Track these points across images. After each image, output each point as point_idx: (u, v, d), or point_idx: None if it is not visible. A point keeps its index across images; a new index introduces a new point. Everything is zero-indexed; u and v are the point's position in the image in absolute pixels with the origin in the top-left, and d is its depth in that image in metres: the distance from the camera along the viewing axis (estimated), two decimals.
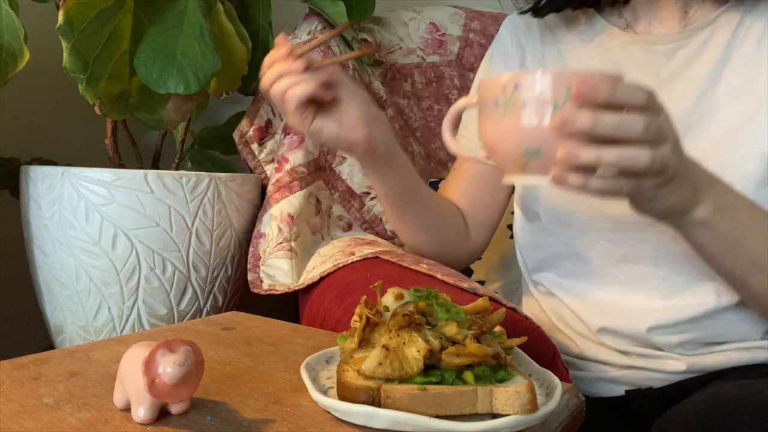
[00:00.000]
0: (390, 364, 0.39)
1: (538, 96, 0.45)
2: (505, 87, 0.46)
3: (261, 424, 0.39)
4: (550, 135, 0.45)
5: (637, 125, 0.44)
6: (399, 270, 0.75)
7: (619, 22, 0.76)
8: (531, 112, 0.45)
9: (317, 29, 1.10)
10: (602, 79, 0.44)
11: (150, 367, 0.37)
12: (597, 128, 0.43)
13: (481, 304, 0.46)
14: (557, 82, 0.44)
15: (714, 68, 0.68)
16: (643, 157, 0.44)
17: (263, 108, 1.10)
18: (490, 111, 0.48)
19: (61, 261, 0.89)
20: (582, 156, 0.43)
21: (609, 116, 0.43)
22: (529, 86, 0.45)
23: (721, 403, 0.53)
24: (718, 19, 0.69)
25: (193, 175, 0.91)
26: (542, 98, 0.45)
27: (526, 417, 0.38)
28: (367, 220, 1.10)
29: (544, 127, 0.45)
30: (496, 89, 0.47)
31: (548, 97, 0.45)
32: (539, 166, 0.46)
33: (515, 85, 0.46)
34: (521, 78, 0.46)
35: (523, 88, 0.45)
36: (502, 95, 0.47)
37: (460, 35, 1.25)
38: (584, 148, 0.43)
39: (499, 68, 0.83)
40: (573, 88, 0.43)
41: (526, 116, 0.45)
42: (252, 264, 0.96)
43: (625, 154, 0.44)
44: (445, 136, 0.55)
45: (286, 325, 0.65)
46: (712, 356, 0.68)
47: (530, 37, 0.81)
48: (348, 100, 0.63)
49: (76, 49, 0.84)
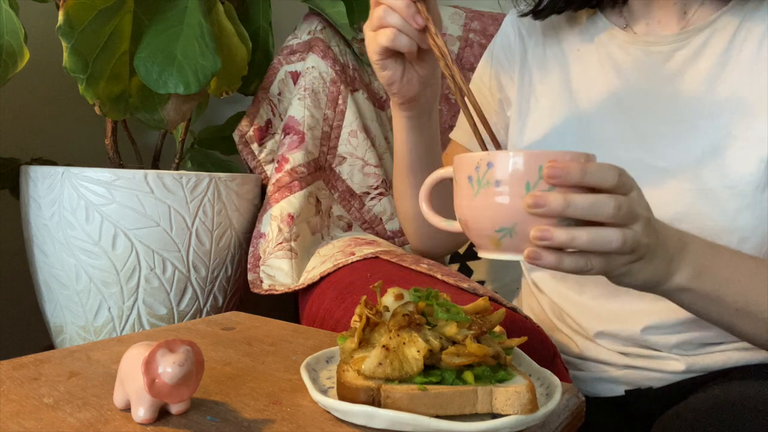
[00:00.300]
0: (390, 364, 0.39)
1: (511, 176, 0.46)
2: (479, 165, 0.47)
3: (261, 424, 0.39)
4: (524, 214, 0.45)
5: (607, 207, 0.45)
6: (399, 270, 0.75)
7: (619, 22, 0.76)
8: (504, 191, 0.46)
9: (317, 29, 1.10)
10: (573, 160, 0.45)
11: (150, 367, 0.37)
12: (569, 211, 0.44)
13: (481, 304, 0.47)
14: (530, 163, 0.45)
15: (712, 71, 0.68)
16: (614, 238, 0.45)
17: (263, 108, 1.10)
18: (464, 187, 0.49)
19: (61, 261, 0.89)
20: (555, 238, 0.44)
21: (580, 199, 0.44)
22: (502, 166, 0.46)
23: (720, 405, 0.53)
24: (717, 21, 0.69)
25: (193, 175, 0.91)
26: (515, 178, 0.46)
27: (526, 417, 0.38)
28: (367, 220, 1.10)
29: (518, 207, 0.45)
30: (469, 166, 0.48)
31: (521, 177, 0.45)
32: (513, 245, 0.47)
33: (488, 164, 0.46)
34: (494, 157, 0.46)
35: (496, 167, 0.46)
36: (476, 173, 0.47)
37: (460, 35, 1.24)
38: (557, 229, 0.44)
39: (501, 62, 0.83)
40: (544, 169, 0.44)
41: (499, 195, 0.46)
42: (252, 264, 0.96)
43: (597, 236, 0.45)
44: (422, 207, 0.56)
45: (286, 325, 0.65)
46: (711, 356, 0.68)
47: (533, 33, 0.81)
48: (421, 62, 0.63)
49: (76, 49, 0.84)
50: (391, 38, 0.58)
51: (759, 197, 0.63)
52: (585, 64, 0.76)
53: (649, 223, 0.48)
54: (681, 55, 0.70)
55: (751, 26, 0.67)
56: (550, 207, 0.44)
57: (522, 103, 0.79)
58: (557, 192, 0.44)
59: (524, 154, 0.46)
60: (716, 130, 0.66)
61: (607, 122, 0.71)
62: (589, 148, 0.71)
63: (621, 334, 0.69)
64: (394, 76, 0.62)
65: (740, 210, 0.63)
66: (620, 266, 0.49)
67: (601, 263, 0.47)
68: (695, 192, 0.64)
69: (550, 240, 0.44)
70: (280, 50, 1.11)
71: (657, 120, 0.69)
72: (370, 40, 0.60)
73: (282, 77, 1.10)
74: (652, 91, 0.70)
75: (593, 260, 0.46)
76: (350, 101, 1.09)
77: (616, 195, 0.46)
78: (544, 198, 0.44)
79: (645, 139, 0.69)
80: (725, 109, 0.66)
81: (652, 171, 0.67)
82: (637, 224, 0.47)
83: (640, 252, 0.48)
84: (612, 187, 0.45)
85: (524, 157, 0.45)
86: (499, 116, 0.83)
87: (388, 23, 0.58)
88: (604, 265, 0.47)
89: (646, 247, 0.48)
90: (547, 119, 0.76)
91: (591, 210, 0.45)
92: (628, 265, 0.49)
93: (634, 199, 0.47)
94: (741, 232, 0.63)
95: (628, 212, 0.46)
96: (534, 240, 0.45)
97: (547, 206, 0.44)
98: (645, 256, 0.49)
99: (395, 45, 0.58)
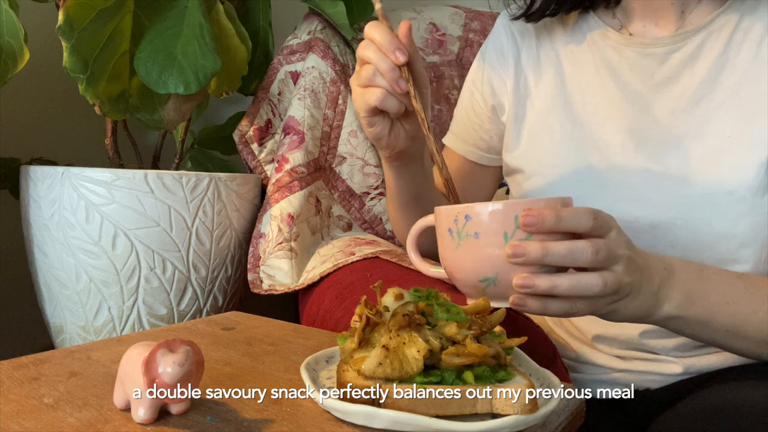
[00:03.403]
0: (390, 364, 0.39)
1: (488, 227, 0.47)
2: (457, 218, 0.48)
3: (261, 424, 0.39)
4: (504, 264, 0.46)
5: (585, 254, 0.46)
6: (399, 270, 0.75)
7: (613, 23, 0.75)
8: (483, 242, 0.47)
9: (317, 29, 1.10)
10: (547, 207, 0.46)
11: (150, 367, 0.37)
12: (547, 259, 0.45)
13: (481, 304, 0.46)
14: (505, 213, 0.46)
15: (710, 74, 0.67)
16: (594, 283, 0.46)
17: (263, 108, 1.10)
18: (445, 239, 0.50)
19: (61, 261, 0.89)
20: (537, 285, 0.45)
21: (558, 247, 0.45)
22: (479, 218, 0.47)
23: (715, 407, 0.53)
24: (714, 22, 0.68)
25: (193, 175, 0.91)
26: (493, 229, 0.47)
27: (526, 417, 0.38)
28: (367, 220, 1.10)
29: (498, 257, 0.47)
30: (449, 220, 0.49)
31: (498, 227, 0.47)
32: (497, 293, 0.48)
33: (466, 216, 0.48)
34: (471, 209, 0.48)
35: (473, 220, 0.47)
36: (455, 226, 0.49)
37: (460, 35, 1.25)
38: (538, 277, 0.45)
39: (494, 66, 0.81)
40: (520, 218, 0.45)
41: (479, 247, 0.47)
42: (252, 264, 0.96)
43: (577, 283, 0.46)
44: (410, 256, 0.57)
45: (286, 325, 0.65)
46: (708, 357, 0.68)
47: (526, 35, 0.80)
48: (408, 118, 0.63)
49: (76, 49, 0.84)
50: (380, 99, 0.58)
51: (758, 202, 0.62)
52: (579, 67, 0.75)
53: (630, 261, 0.49)
54: (677, 57, 0.69)
55: (748, 27, 0.66)
56: (529, 257, 0.45)
57: (518, 108, 0.78)
58: (535, 240, 0.46)
59: (500, 205, 0.47)
60: (714, 134, 0.65)
61: (604, 126, 0.70)
62: (585, 153, 0.71)
63: (619, 337, 0.69)
64: (382, 132, 0.62)
65: (740, 215, 0.62)
66: (605, 306, 0.49)
67: (586, 306, 0.48)
68: (694, 197, 0.64)
69: (532, 288, 0.46)
70: (280, 50, 1.11)
71: (653, 123, 0.68)
72: (358, 96, 0.60)
73: (282, 77, 1.10)
74: (648, 94, 0.69)
75: (578, 304, 0.47)
76: (350, 101, 1.09)
77: (593, 240, 0.46)
78: (523, 247, 0.45)
79: (642, 144, 0.68)
80: (723, 112, 0.65)
81: (649, 176, 0.66)
82: (617, 265, 0.48)
83: (624, 291, 0.49)
84: (588, 231, 0.46)
85: (499, 208, 0.47)
86: (493, 123, 0.81)
87: (376, 84, 0.58)
88: (588, 308, 0.48)
89: (629, 285, 0.49)
90: (543, 124, 0.75)
91: (569, 257, 0.45)
92: (612, 305, 0.50)
93: (613, 239, 0.48)
94: (741, 237, 0.63)
95: (607, 255, 0.46)
96: (517, 288, 0.46)
97: (526, 256, 0.45)
98: (630, 293, 0.50)
99: (384, 106, 0.58)
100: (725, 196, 0.63)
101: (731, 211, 0.62)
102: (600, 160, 0.70)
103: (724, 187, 0.63)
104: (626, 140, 0.69)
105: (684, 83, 0.68)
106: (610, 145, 0.69)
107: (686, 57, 0.68)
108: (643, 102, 0.69)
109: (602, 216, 0.47)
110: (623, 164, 0.68)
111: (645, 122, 0.69)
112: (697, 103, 0.66)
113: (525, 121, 0.76)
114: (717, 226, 0.63)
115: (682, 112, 0.67)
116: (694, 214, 0.64)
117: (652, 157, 0.67)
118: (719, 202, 0.63)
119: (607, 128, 0.70)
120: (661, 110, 0.68)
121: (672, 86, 0.68)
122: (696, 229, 0.62)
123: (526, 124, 0.76)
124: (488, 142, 0.82)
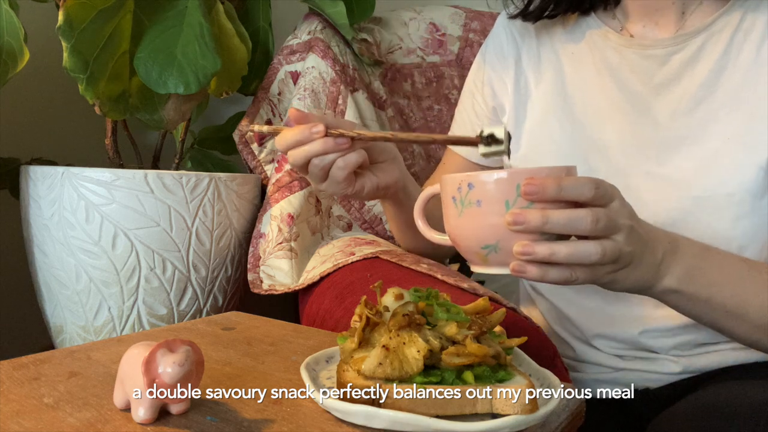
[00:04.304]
0: (390, 364, 0.39)
1: (490, 195, 0.48)
2: (460, 186, 0.49)
3: (261, 424, 0.39)
4: (506, 231, 0.47)
5: (584, 222, 0.46)
6: (399, 270, 0.75)
7: (613, 24, 0.75)
8: (485, 210, 0.48)
9: (317, 29, 1.10)
10: (550, 175, 0.46)
11: (150, 367, 0.37)
12: (547, 227, 0.46)
13: (481, 304, 0.47)
14: (508, 181, 0.47)
15: (710, 76, 0.66)
16: (592, 251, 0.46)
17: (263, 108, 1.10)
18: (449, 207, 0.51)
19: (61, 261, 0.89)
20: (537, 252, 0.46)
21: (558, 215, 0.46)
22: (481, 186, 0.48)
23: (714, 406, 0.53)
24: (715, 23, 0.68)
25: (193, 175, 0.91)
26: (495, 197, 0.47)
27: (526, 417, 0.38)
28: (367, 220, 1.10)
29: (499, 225, 0.47)
30: (453, 187, 0.50)
31: (500, 195, 0.47)
32: (498, 260, 0.49)
33: (469, 185, 0.48)
34: (474, 178, 0.48)
35: (476, 188, 0.48)
36: (458, 194, 0.49)
37: (460, 35, 1.24)
38: (538, 244, 0.46)
39: (494, 67, 0.81)
40: (522, 186, 0.46)
41: (481, 214, 0.48)
42: (252, 264, 0.96)
43: (576, 250, 0.46)
44: (417, 223, 0.58)
45: (286, 325, 0.65)
46: (707, 356, 0.68)
47: (526, 35, 0.79)
48: (376, 151, 0.63)
49: (76, 49, 0.84)
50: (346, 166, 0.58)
51: (758, 204, 0.62)
52: (580, 67, 0.74)
53: (632, 231, 0.49)
54: (677, 59, 0.69)
55: (749, 27, 0.66)
56: (529, 224, 0.46)
57: (518, 110, 0.78)
58: (536, 209, 0.46)
59: (502, 173, 0.47)
60: (714, 136, 0.65)
61: (604, 127, 0.70)
62: (585, 154, 0.71)
63: (618, 336, 0.69)
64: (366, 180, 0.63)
65: (739, 218, 0.62)
66: (605, 275, 0.49)
67: (585, 274, 0.48)
68: (693, 199, 0.64)
69: (531, 255, 0.46)
70: (280, 50, 1.11)
71: (654, 125, 0.68)
72: (333, 186, 0.60)
73: (282, 77, 1.10)
74: (648, 96, 0.69)
75: (577, 271, 0.48)
76: (350, 101, 1.09)
77: (594, 208, 0.46)
78: (523, 215, 0.46)
79: (642, 145, 0.68)
80: (723, 114, 0.65)
81: (649, 177, 0.66)
82: (618, 234, 0.48)
83: (624, 260, 0.49)
84: (589, 200, 0.46)
85: (502, 177, 0.47)
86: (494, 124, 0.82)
87: (326, 165, 0.58)
88: (588, 276, 0.48)
89: (630, 255, 0.49)
90: (543, 125, 0.75)
91: (568, 225, 0.46)
92: (612, 274, 0.50)
93: (615, 210, 0.48)
94: (740, 239, 0.63)
95: (607, 224, 0.47)
96: (517, 255, 0.47)
97: (526, 224, 0.46)
98: (631, 263, 0.50)
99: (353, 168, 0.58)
100: (725, 198, 0.62)
101: (731, 213, 0.62)
102: (600, 162, 0.69)
103: (723, 189, 0.63)
104: (626, 142, 0.69)
105: (684, 85, 0.68)
106: (610, 147, 0.69)
107: (687, 59, 0.68)
108: (644, 104, 0.69)
109: (604, 185, 0.47)
110: (623, 166, 0.68)
111: (645, 124, 0.68)
112: (698, 105, 0.66)
113: (525, 123, 0.76)
114: (716, 228, 0.63)
115: (683, 114, 0.67)
116: (693, 216, 0.64)
117: (652, 158, 0.67)
118: (719, 204, 0.63)
119: (607, 130, 0.70)
120: (662, 112, 0.68)
121: (672, 88, 0.68)
122: (695, 231, 0.62)
123: (526, 125, 0.76)
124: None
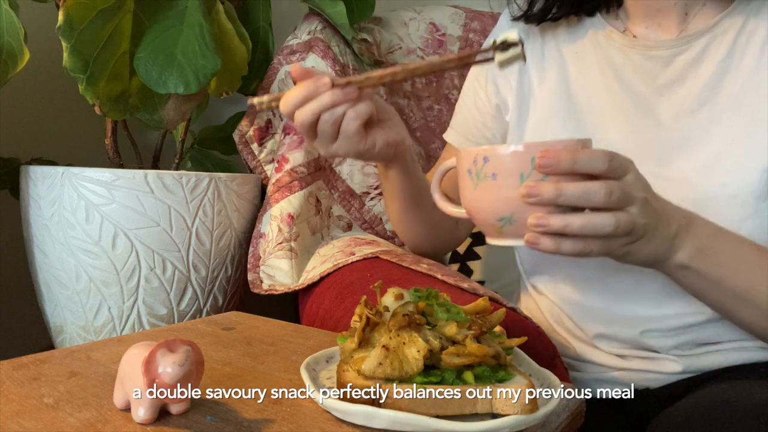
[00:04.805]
0: (390, 364, 0.39)
1: (505, 168, 0.48)
2: (476, 159, 0.50)
3: (261, 424, 0.39)
4: (520, 204, 0.48)
5: (598, 194, 0.46)
6: (399, 270, 0.75)
7: (617, 24, 0.75)
8: (500, 183, 0.49)
9: (317, 29, 1.10)
10: (566, 148, 0.47)
11: (150, 367, 0.37)
12: (561, 199, 0.46)
13: (481, 304, 0.47)
14: (523, 154, 0.47)
15: (713, 77, 0.66)
16: (606, 223, 0.47)
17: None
18: (465, 180, 0.52)
19: (61, 261, 0.89)
20: (551, 224, 0.46)
21: (572, 187, 0.46)
22: (497, 159, 0.49)
23: (711, 406, 0.53)
24: (718, 25, 0.67)
25: (193, 175, 0.91)
26: (510, 170, 0.48)
27: (526, 417, 0.38)
28: (367, 220, 1.10)
29: (514, 197, 0.48)
30: (468, 161, 0.51)
31: (515, 168, 0.48)
32: (513, 232, 0.50)
33: (484, 158, 0.49)
34: (490, 151, 0.49)
35: (491, 161, 0.49)
36: (474, 167, 0.50)
37: (460, 35, 1.24)
38: (552, 216, 0.47)
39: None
40: (536, 159, 0.46)
41: (496, 187, 0.49)
42: (252, 264, 0.96)
43: (589, 221, 0.47)
44: (434, 196, 0.59)
45: (286, 325, 0.65)
46: (708, 356, 0.67)
47: (530, 32, 0.79)
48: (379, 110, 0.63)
49: (76, 49, 0.84)
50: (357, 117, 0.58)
51: (761, 206, 0.62)
52: (583, 66, 0.74)
53: (646, 204, 0.49)
54: (681, 60, 0.69)
55: (753, 30, 0.66)
56: (542, 197, 0.46)
57: (521, 108, 0.78)
58: (550, 181, 0.46)
59: (518, 146, 0.48)
60: (717, 137, 0.64)
61: (607, 128, 0.70)
62: None
63: (619, 336, 0.69)
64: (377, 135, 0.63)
65: (742, 219, 0.62)
66: (619, 247, 0.50)
67: (599, 246, 0.48)
68: (696, 201, 0.63)
69: (545, 227, 0.47)
70: (280, 50, 1.11)
71: (657, 126, 0.68)
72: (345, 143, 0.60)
73: (282, 77, 1.10)
74: (652, 97, 0.69)
75: (591, 243, 0.48)
76: None
77: (608, 181, 0.47)
78: (537, 188, 0.46)
79: (645, 146, 0.68)
80: (726, 116, 0.65)
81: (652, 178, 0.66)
82: (633, 206, 0.48)
83: (638, 233, 0.50)
84: (603, 173, 0.47)
85: (518, 150, 0.48)
86: (496, 121, 0.81)
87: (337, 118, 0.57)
88: (602, 248, 0.49)
89: (644, 227, 0.50)
90: (546, 124, 0.75)
91: (582, 197, 0.46)
92: (626, 246, 0.50)
93: (629, 182, 0.48)
94: None
95: (621, 196, 0.47)
96: (531, 227, 0.47)
97: (540, 196, 0.46)
98: (644, 236, 0.50)
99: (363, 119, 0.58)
100: (728, 200, 0.62)
101: (733, 215, 0.62)
102: None
103: (726, 191, 0.62)
104: (629, 142, 0.68)
105: (688, 86, 0.68)
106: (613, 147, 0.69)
107: (691, 60, 0.68)
108: (647, 104, 0.69)
109: (618, 158, 0.48)
110: None
111: (648, 125, 0.68)
112: (701, 107, 0.66)
113: (528, 122, 0.76)
114: None
115: (686, 115, 0.67)
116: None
117: (654, 159, 0.67)
118: (721, 206, 0.62)
119: (610, 130, 0.70)
120: (665, 113, 0.68)
121: (676, 89, 0.68)
122: None
123: (528, 124, 0.76)
124: (490, 140, 0.82)
